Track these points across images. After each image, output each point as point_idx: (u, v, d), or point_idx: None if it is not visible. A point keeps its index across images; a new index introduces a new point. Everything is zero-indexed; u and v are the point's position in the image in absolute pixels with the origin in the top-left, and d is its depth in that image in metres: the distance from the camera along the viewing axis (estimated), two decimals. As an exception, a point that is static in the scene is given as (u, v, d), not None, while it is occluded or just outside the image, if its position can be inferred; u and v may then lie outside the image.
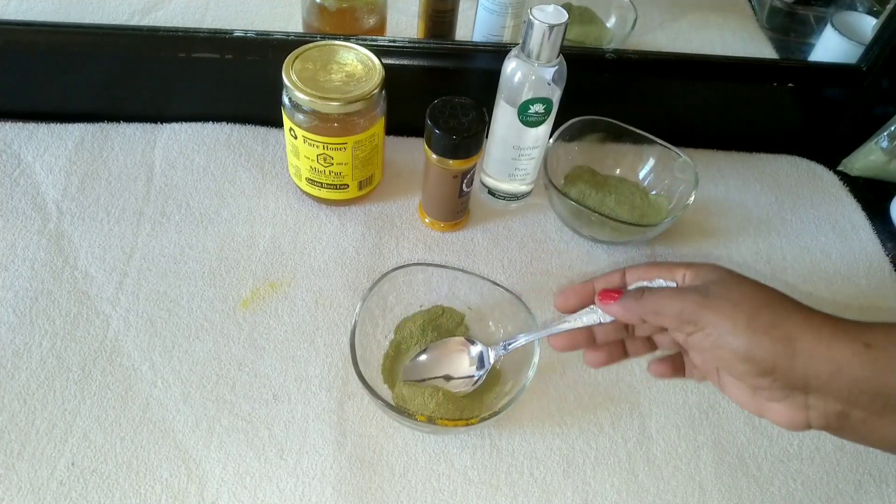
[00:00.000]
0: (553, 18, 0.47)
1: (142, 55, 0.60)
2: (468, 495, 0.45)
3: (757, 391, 0.34)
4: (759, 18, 0.77)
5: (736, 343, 0.32)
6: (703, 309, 0.34)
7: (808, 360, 0.31)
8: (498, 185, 0.59)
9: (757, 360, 0.32)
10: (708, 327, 0.33)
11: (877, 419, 0.32)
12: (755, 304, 0.33)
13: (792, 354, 0.31)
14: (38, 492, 0.42)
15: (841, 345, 0.31)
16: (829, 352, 0.31)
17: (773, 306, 0.33)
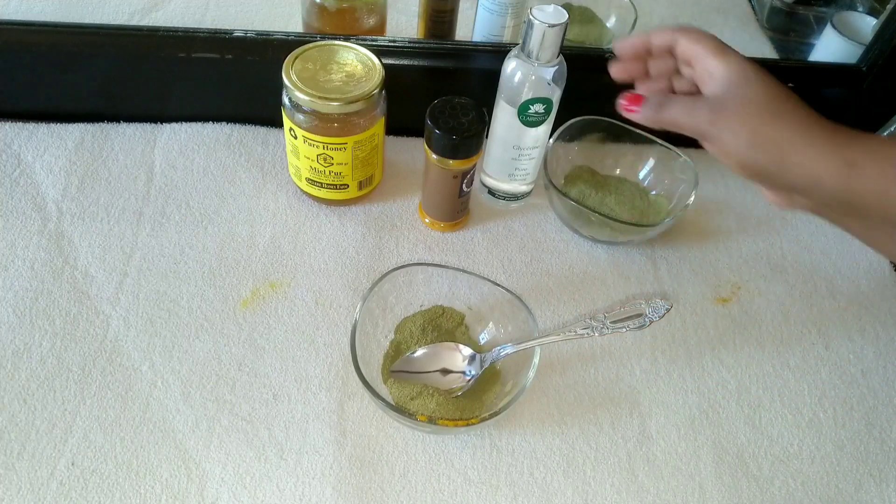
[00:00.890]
0: (553, 18, 0.47)
1: (142, 55, 0.60)
2: (468, 495, 0.45)
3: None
4: (760, 18, 0.78)
5: (736, 156, 0.38)
6: (712, 127, 0.38)
7: (795, 172, 0.37)
8: (498, 185, 0.59)
9: (751, 170, 0.38)
10: (715, 141, 0.38)
11: (847, 218, 0.40)
12: (762, 119, 0.37)
13: (782, 166, 0.37)
14: (38, 492, 0.42)
15: (825, 160, 0.36)
16: (814, 167, 0.36)
17: (778, 120, 0.37)
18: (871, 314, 0.57)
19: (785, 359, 0.54)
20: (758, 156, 0.37)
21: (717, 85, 0.39)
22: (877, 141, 0.36)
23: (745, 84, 0.38)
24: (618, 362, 0.52)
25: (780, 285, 0.58)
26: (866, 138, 0.36)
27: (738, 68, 0.38)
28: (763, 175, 0.38)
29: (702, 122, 0.38)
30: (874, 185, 0.35)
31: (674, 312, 0.55)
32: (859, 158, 0.35)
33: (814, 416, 0.51)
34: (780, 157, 0.36)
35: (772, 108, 0.37)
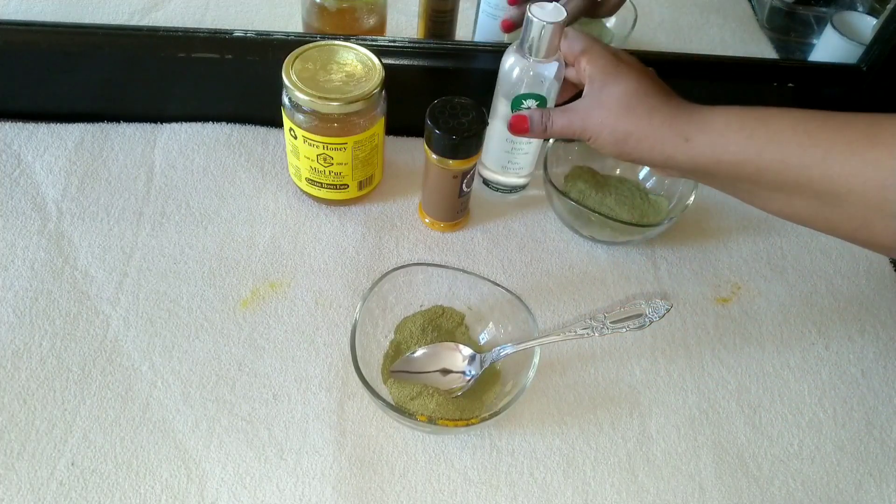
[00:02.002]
0: (551, 16, 0.47)
1: (142, 55, 0.60)
2: (468, 495, 0.45)
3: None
4: (760, 18, 0.77)
5: (607, 149, 0.46)
6: (585, 131, 0.46)
7: (651, 154, 0.44)
8: (494, 176, 0.60)
9: (623, 158, 0.46)
10: (591, 140, 0.46)
11: (703, 180, 0.46)
12: (617, 116, 0.44)
13: (640, 151, 0.44)
14: (38, 492, 0.42)
15: (668, 140, 0.43)
16: (663, 147, 0.43)
17: (630, 114, 0.44)
18: (871, 314, 0.57)
19: (785, 359, 0.54)
20: (621, 147, 0.45)
21: (588, 86, 0.47)
22: (709, 113, 0.43)
23: (605, 85, 0.45)
24: (618, 362, 0.52)
25: (780, 285, 0.58)
26: (702, 113, 0.43)
27: (600, 70, 0.46)
28: (632, 160, 0.45)
29: (577, 129, 0.46)
30: (709, 152, 0.42)
31: (674, 312, 0.55)
32: (692, 132, 0.42)
33: (814, 416, 0.51)
34: (637, 145, 0.44)
35: (625, 103, 0.44)
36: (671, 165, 0.44)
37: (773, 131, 0.41)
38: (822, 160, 0.38)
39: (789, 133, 0.40)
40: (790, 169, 0.39)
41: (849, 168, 0.37)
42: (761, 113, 0.42)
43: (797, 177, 0.39)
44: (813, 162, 0.39)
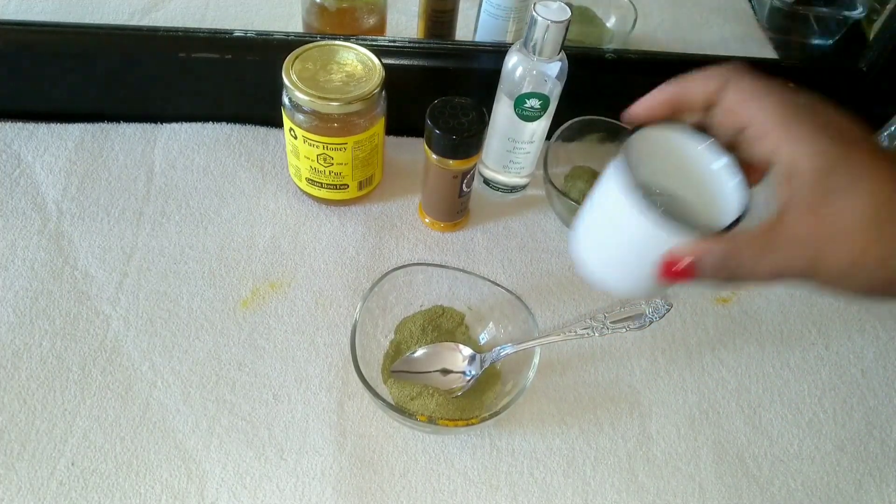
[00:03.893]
0: (556, 15, 0.47)
1: (142, 55, 0.60)
2: (468, 495, 0.45)
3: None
4: (760, 18, 0.77)
5: (859, 291, 0.29)
6: (818, 269, 0.28)
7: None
8: (494, 175, 0.59)
9: (870, 299, 0.30)
10: (831, 281, 0.29)
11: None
12: (874, 237, 0.27)
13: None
14: (38, 492, 0.42)
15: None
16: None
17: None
18: (871, 314, 0.57)
19: (785, 359, 0.54)
20: (881, 289, 0.28)
21: (788, 189, 0.29)
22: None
23: (831, 191, 0.28)
24: (618, 362, 0.52)
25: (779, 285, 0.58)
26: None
27: (813, 165, 0.28)
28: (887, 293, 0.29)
29: (800, 270, 0.28)
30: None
31: (674, 312, 0.55)
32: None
33: (814, 416, 0.51)
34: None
35: (876, 219, 0.27)
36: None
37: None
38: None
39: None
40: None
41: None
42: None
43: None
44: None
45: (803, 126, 0.28)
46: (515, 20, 0.64)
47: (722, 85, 0.31)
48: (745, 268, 0.29)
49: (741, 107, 0.30)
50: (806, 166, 0.28)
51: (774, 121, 0.29)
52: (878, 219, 0.27)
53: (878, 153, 0.28)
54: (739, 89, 0.30)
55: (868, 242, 0.27)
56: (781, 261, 0.29)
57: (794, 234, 0.28)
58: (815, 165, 0.28)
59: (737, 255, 0.29)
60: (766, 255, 0.29)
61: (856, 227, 0.27)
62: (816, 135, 0.28)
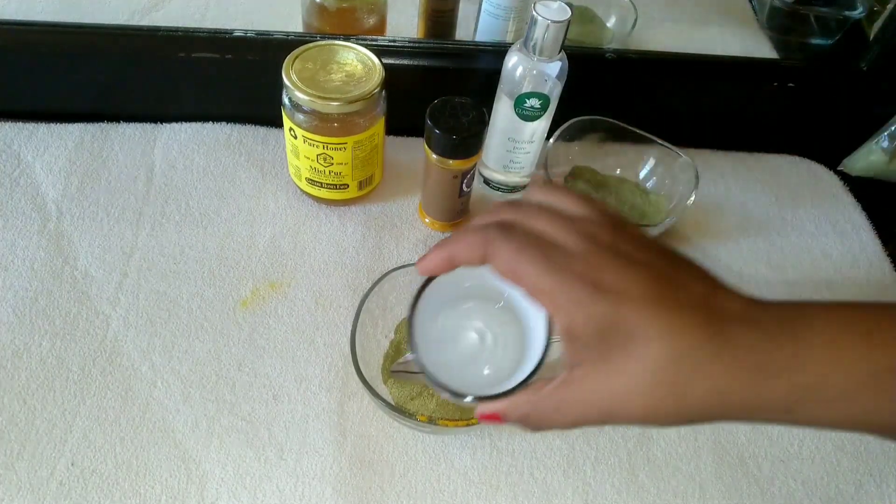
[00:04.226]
0: (556, 15, 0.47)
1: (142, 55, 0.60)
2: (468, 495, 0.45)
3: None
4: (760, 18, 0.77)
5: (660, 425, 0.29)
6: (612, 416, 0.29)
7: (729, 421, 0.29)
8: (494, 175, 0.60)
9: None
10: (631, 422, 0.29)
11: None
12: (657, 391, 0.28)
13: (710, 421, 0.29)
14: (38, 492, 0.42)
15: (765, 416, 0.28)
16: (749, 419, 0.29)
17: (678, 386, 0.27)
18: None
19: (785, 359, 0.54)
20: (682, 423, 0.29)
21: (571, 346, 0.29)
22: (812, 356, 0.27)
23: (607, 348, 0.28)
24: (618, 362, 0.52)
25: (780, 285, 0.58)
26: (796, 355, 0.27)
27: (596, 331, 0.28)
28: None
29: (596, 418, 0.30)
30: (832, 423, 0.28)
31: (674, 312, 0.55)
32: (796, 400, 0.28)
33: (814, 417, 0.51)
34: (707, 417, 0.28)
35: (657, 377, 0.28)
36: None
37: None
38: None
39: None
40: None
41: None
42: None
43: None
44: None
45: (567, 293, 0.28)
46: (515, 20, 0.64)
47: (482, 255, 0.30)
48: (546, 420, 0.31)
49: (506, 276, 0.30)
50: (580, 332, 0.28)
51: (539, 291, 0.29)
52: (652, 385, 0.27)
53: (653, 304, 0.28)
54: (497, 260, 0.30)
55: (647, 405, 0.28)
56: (578, 414, 0.30)
57: (583, 391, 0.29)
58: (589, 330, 0.28)
59: (537, 409, 0.31)
60: (562, 410, 0.30)
61: (638, 386, 0.28)
62: (582, 300, 0.28)
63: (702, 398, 0.28)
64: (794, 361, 0.27)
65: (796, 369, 0.27)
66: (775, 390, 0.27)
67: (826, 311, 0.29)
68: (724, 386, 0.27)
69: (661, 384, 0.28)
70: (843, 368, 0.27)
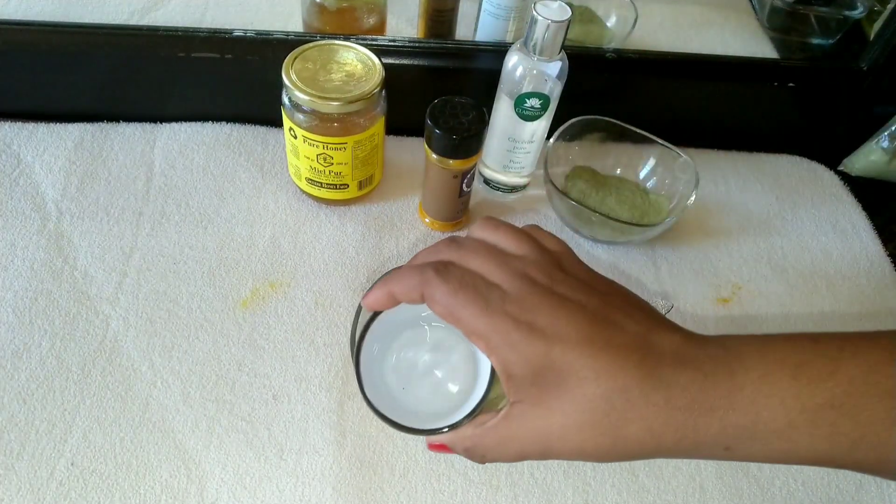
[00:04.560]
0: (557, 15, 0.47)
1: (141, 55, 0.60)
2: (468, 496, 0.45)
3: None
4: (760, 18, 0.77)
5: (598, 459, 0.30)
6: (550, 452, 0.31)
7: (668, 457, 0.30)
8: (494, 175, 0.59)
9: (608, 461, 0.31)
10: (570, 457, 0.31)
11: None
12: (590, 428, 0.29)
13: (647, 457, 0.30)
14: (38, 492, 0.42)
15: (703, 453, 0.29)
16: (693, 457, 0.30)
17: (613, 425, 0.28)
18: (872, 314, 0.57)
19: (785, 359, 0.54)
20: (620, 459, 0.30)
21: (517, 389, 0.30)
22: (744, 396, 0.28)
23: (541, 387, 0.30)
24: (618, 362, 0.52)
25: (780, 285, 0.58)
26: (730, 395, 0.28)
27: (530, 372, 0.29)
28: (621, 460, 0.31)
29: (536, 454, 0.31)
30: (765, 457, 0.29)
31: (675, 312, 0.55)
32: (733, 438, 0.28)
33: (814, 417, 0.50)
34: (644, 455, 0.30)
35: (590, 414, 0.29)
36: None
37: (865, 424, 0.27)
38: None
39: (887, 422, 0.27)
40: (886, 463, 0.28)
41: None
42: (832, 381, 0.28)
43: (886, 465, 0.28)
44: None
45: (502, 334, 0.29)
46: (516, 20, 0.64)
47: (419, 294, 0.31)
48: (489, 453, 0.32)
49: (443, 317, 0.31)
50: (516, 371, 0.29)
51: (476, 333, 0.30)
52: (585, 425, 0.28)
53: (586, 345, 0.29)
54: (432, 302, 0.31)
55: (583, 443, 0.29)
56: (518, 449, 0.31)
57: (522, 428, 0.30)
58: (524, 373, 0.29)
59: (480, 443, 0.32)
60: (504, 444, 0.31)
61: (573, 425, 0.29)
62: (517, 342, 0.29)
63: (636, 437, 0.28)
64: (727, 401, 0.28)
65: (730, 408, 0.28)
66: (709, 429, 0.28)
67: (761, 346, 0.29)
68: (658, 426, 0.28)
69: (595, 424, 0.29)
70: (774, 406, 0.28)
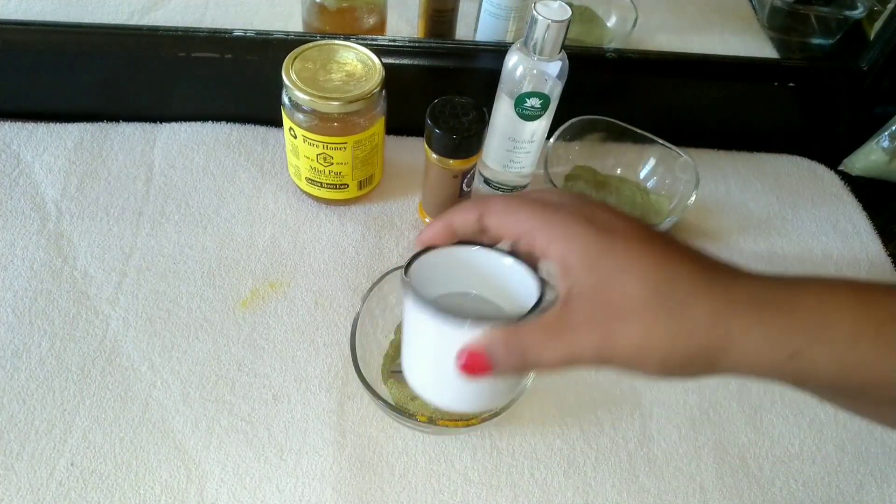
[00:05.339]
0: (557, 14, 0.47)
1: (141, 55, 0.60)
2: (468, 496, 0.45)
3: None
4: (760, 18, 0.77)
5: (653, 373, 0.29)
6: (601, 355, 0.29)
7: (730, 369, 0.28)
8: (494, 175, 0.60)
9: (673, 378, 0.29)
10: (624, 366, 0.29)
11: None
12: (653, 321, 0.28)
13: (705, 374, 0.29)
14: (38, 492, 0.42)
15: (768, 360, 0.28)
16: (757, 368, 0.28)
17: (673, 315, 0.27)
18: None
19: (786, 359, 0.53)
20: (676, 373, 0.29)
21: (566, 281, 0.29)
22: (812, 300, 0.28)
23: (601, 278, 0.29)
24: (618, 362, 0.52)
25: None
26: (794, 298, 0.28)
27: (590, 256, 0.29)
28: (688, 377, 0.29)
29: (589, 357, 0.29)
30: (830, 369, 0.27)
31: (674, 312, 0.55)
32: (801, 343, 0.27)
33: (815, 417, 0.50)
34: (710, 366, 0.28)
35: (652, 302, 0.28)
36: (754, 376, 0.29)
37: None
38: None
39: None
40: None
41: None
42: (892, 301, 0.28)
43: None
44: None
45: (562, 225, 0.30)
46: (516, 19, 0.64)
47: (478, 213, 0.32)
48: (534, 354, 0.29)
49: (504, 224, 0.32)
50: (575, 261, 0.29)
51: (535, 227, 0.30)
52: (651, 303, 0.28)
53: (644, 240, 0.29)
54: (494, 212, 0.32)
55: (648, 325, 0.28)
56: (570, 347, 0.29)
57: (578, 321, 0.29)
58: (583, 259, 0.29)
59: (524, 342, 0.29)
60: (553, 342, 0.29)
61: (632, 311, 0.28)
62: (577, 230, 0.29)
63: (702, 322, 0.27)
64: (792, 302, 0.28)
65: (796, 307, 0.28)
66: (774, 321, 0.27)
67: (817, 277, 0.29)
68: (722, 308, 0.27)
69: (660, 304, 0.28)
70: (840, 310, 0.27)
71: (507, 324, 0.30)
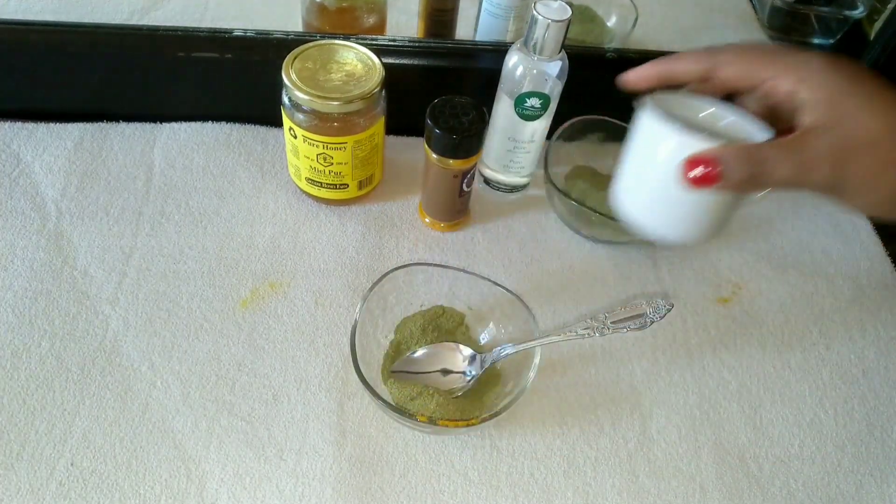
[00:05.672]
0: (556, 14, 0.47)
1: (141, 55, 0.60)
2: (468, 496, 0.45)
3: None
4: (760, 18, 0.77)
5: (878, 212, 0.33)
6: (836, 185, 0.32)
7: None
8: (494, 175, 0.59)
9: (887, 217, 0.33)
10: (845, 198, 0.32)
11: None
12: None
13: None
14: (38, 492, 0.42)
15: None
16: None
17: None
18: (872, 314, 0.57)
19: (786, 359, 0.54)
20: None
21: (812, 117, 0.32)
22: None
23: (844, 114, 0.31)
24: (618, 362, 0.52)
25: (780, 285, 0.58)
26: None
27: (835, 94, 0.32)
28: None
29: (823, 181, 0.31)
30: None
31: (675, 312, 0.55)
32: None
33: (815, 417, 0.50)
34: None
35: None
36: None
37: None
38: None
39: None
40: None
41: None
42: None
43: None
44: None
45: (807, 64, 0.33)
46: (516, 19, 0.64)
47: (710, 64, 0.35)
48: (769, 166, 0.31)
49: (745, 74, 0.34)
50: (822, 96, 0.32)
51: (780, 72, 0.33)
52: (888, 138, 0.30)
53: (883, 83, 0.32)
54: (730, 62, 0.35)
55: (884, 158, 0.31)
56: (805, 166, 0.31)
57: (818, 146, 0.31)
58: (831, 94, 0.32)
59: (762, 154, 0.32)
60: (790, 159, 0.31)
61: (874, 142, 0.31)
62: (825, 71, 0.32)
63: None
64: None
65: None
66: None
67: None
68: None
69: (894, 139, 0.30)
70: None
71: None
